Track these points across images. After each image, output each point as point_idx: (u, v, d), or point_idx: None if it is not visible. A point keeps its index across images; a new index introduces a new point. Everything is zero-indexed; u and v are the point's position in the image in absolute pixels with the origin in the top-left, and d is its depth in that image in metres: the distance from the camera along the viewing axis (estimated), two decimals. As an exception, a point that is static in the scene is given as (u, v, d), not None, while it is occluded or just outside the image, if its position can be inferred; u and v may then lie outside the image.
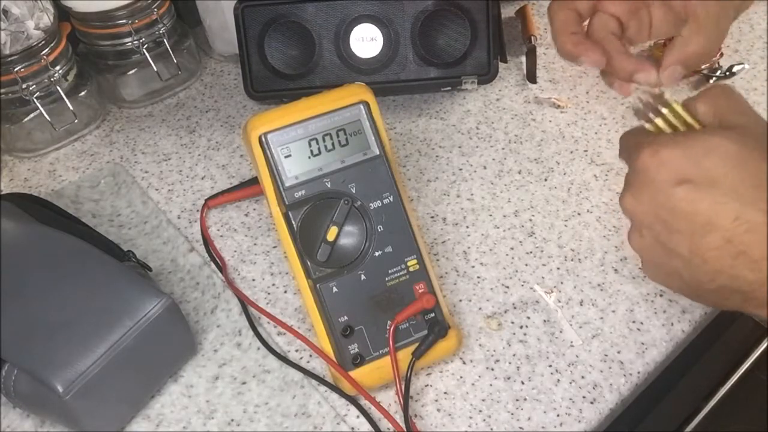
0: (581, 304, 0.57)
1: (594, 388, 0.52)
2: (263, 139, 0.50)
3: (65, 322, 0.48)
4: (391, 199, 0.52)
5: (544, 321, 0.56)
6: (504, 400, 0.51)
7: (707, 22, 0.49)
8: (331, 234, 0.50)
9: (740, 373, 0.85)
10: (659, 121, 0.45)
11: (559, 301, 0.57)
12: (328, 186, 0.51)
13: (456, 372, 0.53)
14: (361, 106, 0.52)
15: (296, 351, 0.55)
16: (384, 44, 0.71)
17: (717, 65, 0.76)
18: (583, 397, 0.51)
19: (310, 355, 0.55)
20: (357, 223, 0.51)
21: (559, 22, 0.53)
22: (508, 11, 0.87)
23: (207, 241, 0.63)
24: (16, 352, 0.47)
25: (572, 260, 0.60)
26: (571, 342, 0.54)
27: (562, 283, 0.58)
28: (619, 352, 0.54)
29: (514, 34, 0.85)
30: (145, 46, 0.75)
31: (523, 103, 0.76)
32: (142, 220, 0.66)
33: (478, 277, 0.59)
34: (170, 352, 0.53)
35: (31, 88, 0.69)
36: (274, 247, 0.63)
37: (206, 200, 0.66)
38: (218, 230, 0.65)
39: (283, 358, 0.54)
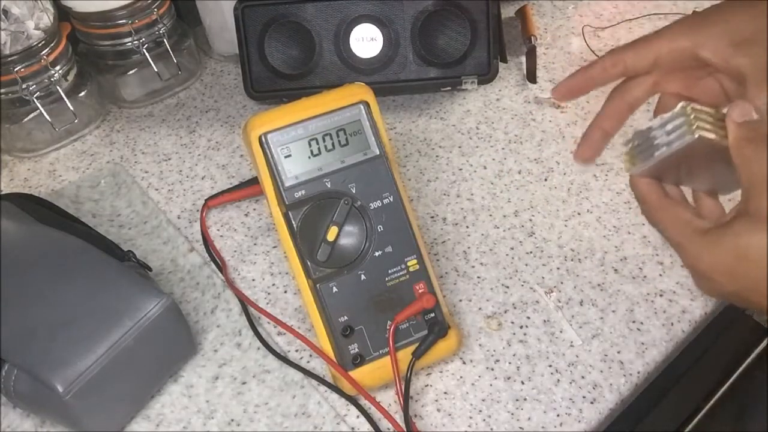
0: (581, 304, 0.57)
1: (594, 388, 0.52)
2: (263, 139, 0.50)
3: (65, 322, 0.48)
4: (391, 199, 0.51)
5: (544, 321, 0.56)
6: (504, 400, 0.51)
7: (763, 71, 0.49)
8: (331, 234, 0.50)
9: (740, 373, 0.85)
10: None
11: (559, 301, 0.57)
12: (328, 186, 0.51)
13: (456, 372, 0.53)
14: (361, 106, 0.52)
15: (296, 351, 0.55)
16: (384, 44, 0.71)
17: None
18: (583, 397, 0.51)
19: (310, 355, 0.55)
20: (357, 223, 0.51)
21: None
22: (508, 11, 0.87)
23: (207, 241, 0.63)
24: (16, 352, 0.47)
25: (572, 260, 0.60)
26: (571, 342, 0.54)
27: (562, 283, 0.58)
28: (619, 352, 0.54)
29: (514, 34, 0.85)
30: (145, 46, 0.75)
31: (523, 103, 0.76)
32: (142, 220, 0.66)
33: (478, 277, 0.59)
34: (170, 352, 0.53)
35: (31, 88, 0.69)
36: (274, 247, 0.63)
37: (206, 200, 0.66)
38: (218, 230, 0.65)
39: (283, 358, 0.54)
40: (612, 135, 0.56)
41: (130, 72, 0.77)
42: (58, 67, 0.71)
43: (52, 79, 0.70)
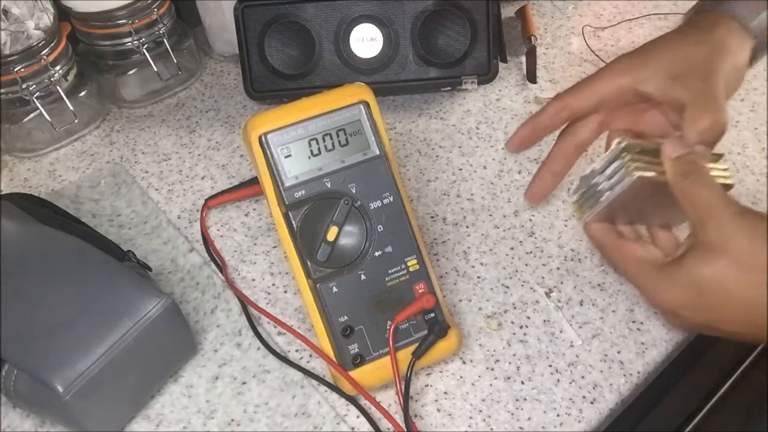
0: (581, 304, 0.57)
1: (594, 388, 0.52)
2: (263, 139, 0.50)
3: (65, 322, 0.48)
4: (391, 199, 0.51)
5: (544, 321, 0.56)
6: (504, 400, 0.51)
7: (701, 100, 0.51)
8: (331, 234, 0.50)
9: (740, 373, 0.85)
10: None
11: (559, 301, 0.57)
12: (328, 186, 0.51)
13: (456, 372, 0.53)
14: (361, 106, 0.52)
15: (296, 351, 0.55)
16: (384, 44, 0.71)
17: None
18: (583, 397, 0.51)
19: (310, 355, 0.55)
20: (357, 223, 0.51)
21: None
22: (508, 11, 0.87)
23: (207, 241, 0.63)
24: (16, 352, 0.47)
25: (572, 260, 0.60)
26: (571, 342, 0.54)
27: (562, 283, 0.58)
28: (619, 352, 0.54)
29: (514, 34, 0.85)
30: (145, 46, 0.75)
31: (523, 103, 0.76)
32: (142, 220, 0.66)
33: (478, 277, 0.59)
34: (170, 352, 0.53)
35: (31, 88, 0.69)
36: (274, 247, 0.63)
37: (206, 200, 0.66)
38: (218, 230, 0.65)
39: (283, 358, 0.54)
40: (562, 176, 0.59)
41: (130, 72, 0.77)
42: (58, 67, 0.71)
43: (52, 79, 0.70)
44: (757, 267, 0.44)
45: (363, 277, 0.51)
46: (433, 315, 0.51)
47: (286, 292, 0.59)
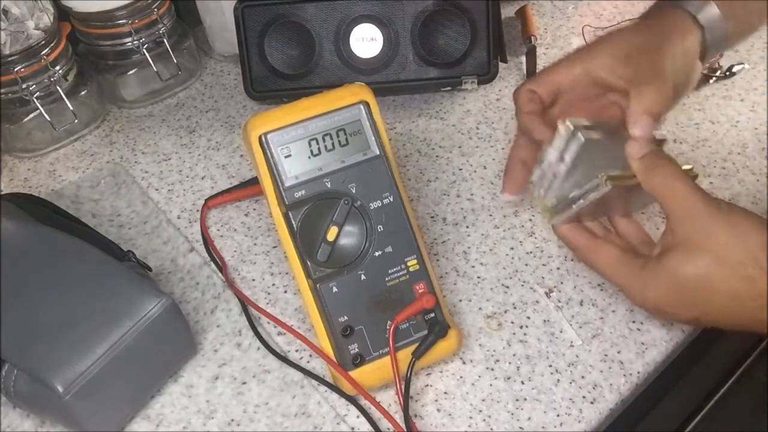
0: (581, 304, 0.57)
1: (594, 388, 0.52)
2: (263, 139, 0.50)
3: (65, 322, 0.48)
4: (391, 199, 0.51)
5: (544, 321, 0.56)
6: (504, 400, 0.51)
7: (646, 75, 0.53)
8: (331, 234, 0.50)
9: (740, 373, 0.85)
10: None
11: (559, 301, 0.57)
12: (328, 186, 0.51)
13: (456, 372, 0.53)
14: (361, 106, 0.52)
15: (296, 351, 0.55)
16: (384, 44, 0.71)
17: (717, 65, 0.76)
18: (583, 397, 0.51)
19: (310, 355, 0.55)
20: (357, 223, 0.51)
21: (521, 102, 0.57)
22: (508, 11, 0.87)
23: (207, 241, 0.63)
24: (16, 352, 0.47)
25: (572, 260, 0.60)
26: (571, 342, 0.54)
27: (562, 283, 0.58)
28: (619, 352, 0.54)
29: (514, 34, 0.85)
30: (145, 46, 0.75)
31: (523, 103, 0.76)
32: (142, 220, 0.66)
33: (478, 277, 0.59)
34: (170, 352, 0.53)
35: (31, 88, 0.69)
36: (274, 247, 0.63)
37: (206, 200, 0.66)
38: (218, 230, 0.65)
39: (283, 358, 0.54)
40: (531, 164, 0.60)
41: (130, 72, 0.77)
42: (58, 67, 0.71)
43: (52, 79, 0.70)
44: (741, 261, 0.44)
45: (363, 277, 0.51)
46: (433, 315, 0.51)
47: (286, 292, 0.59)
